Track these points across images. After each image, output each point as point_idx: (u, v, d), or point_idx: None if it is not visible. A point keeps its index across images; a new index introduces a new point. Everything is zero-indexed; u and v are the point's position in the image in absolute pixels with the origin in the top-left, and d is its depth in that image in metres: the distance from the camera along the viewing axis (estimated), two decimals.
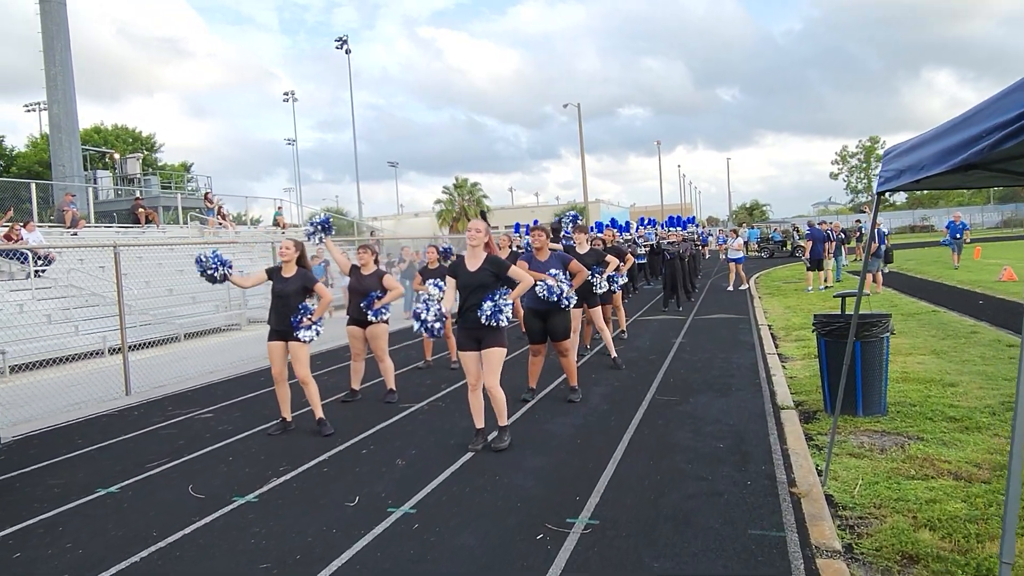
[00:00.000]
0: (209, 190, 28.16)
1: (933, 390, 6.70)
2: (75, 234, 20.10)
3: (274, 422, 6.54)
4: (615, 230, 18.24)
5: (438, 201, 59.94)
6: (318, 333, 6.28)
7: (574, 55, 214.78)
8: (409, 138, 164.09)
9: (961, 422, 5.63)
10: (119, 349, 13.29)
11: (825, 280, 17.83)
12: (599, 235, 11.92)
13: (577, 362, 8.90)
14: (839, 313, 6.22)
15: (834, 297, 6.40)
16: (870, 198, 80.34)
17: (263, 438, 6.25)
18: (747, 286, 18.80)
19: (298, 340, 6.16)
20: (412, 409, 7.05)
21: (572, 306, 6.88)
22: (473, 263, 5.51)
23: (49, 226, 20.58)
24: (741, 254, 19.02)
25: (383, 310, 7.27)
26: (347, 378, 7.71)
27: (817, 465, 4.86)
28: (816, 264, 17.47)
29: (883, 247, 16.27)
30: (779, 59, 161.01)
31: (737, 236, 19.64)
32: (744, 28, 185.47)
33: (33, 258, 15.56)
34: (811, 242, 17.36)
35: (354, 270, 7.41)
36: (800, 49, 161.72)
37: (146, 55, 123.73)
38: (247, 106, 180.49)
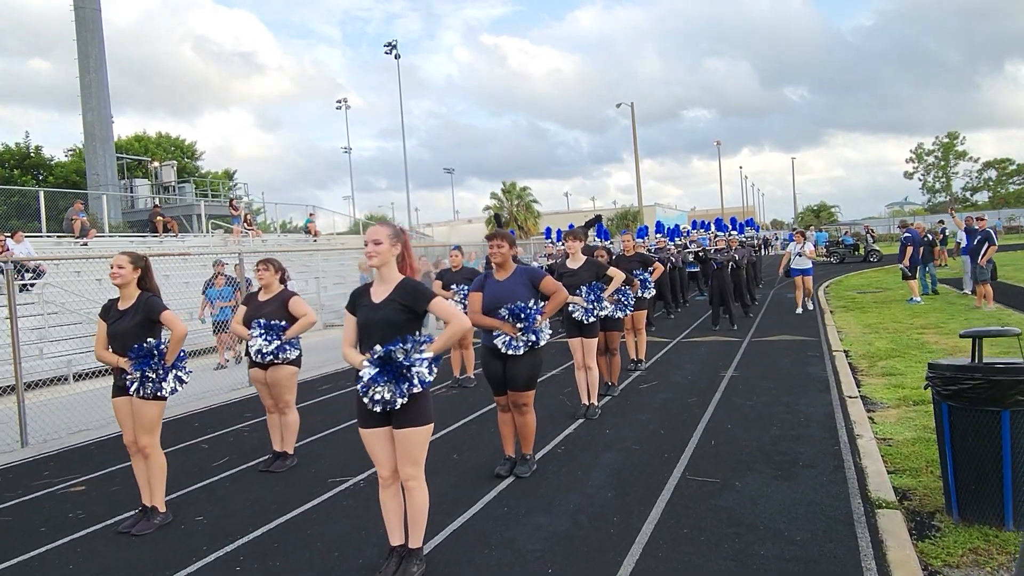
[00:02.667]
0: (234, 196, 26.96)
1: None
2: (85, 244, 19.08)
3: (131, 512, 4.65)
4: (638, 239, 15.91)
5: (487, 208, 58.22)
6: (180, 383, 4.40)
7: (636, 58, 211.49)
8: (471, 144, 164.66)
9: None
10: (82, 376, 11.86)
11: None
12: (602, 245, 9.77)
13: (598, 404, 6.85)
14: (970, 363, 3.94)
15: (961, 336, 4.12)
16: (949, 198, 75.04)
17: (106, 538, 4.37)
18: (811, 306, 14.87)
19: (143, 396, 4.30)
20: (342, 487, 5.07)
21: (541, 344, 4.86)
22: (380, 291, 3.52)
23: (59, 236, 19.60)
24: (810, 264, 14.63)
25: (287, 347, 5.34)
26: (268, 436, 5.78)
27: None
28: (912, 272, 14.88)
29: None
30: (850, 56, 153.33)
31: (805, 240, 14.93)
32: (812, 25, 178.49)
33: (18, 270, 14.35)
34: (911, 247, 14.77)
35: (251, 297, 5.54)
36: (872, 45, 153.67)
37: (222, 70, 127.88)
38: (314, 117, 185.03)
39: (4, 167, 33.34)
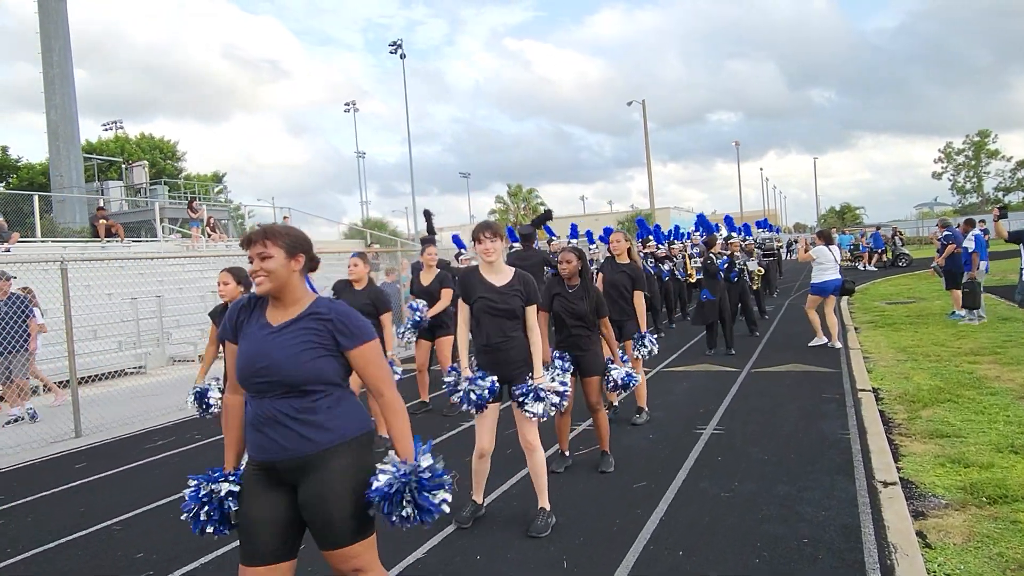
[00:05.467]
0: (194, 198, 24.84)
1: None
2: (7, 250, 17.05)
3: None
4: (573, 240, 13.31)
5: (492, 211, 55.90)
6: None
7: (659, 61, 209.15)
8: (495, 149, 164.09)
9: None
10: None
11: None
12: (567, 246, 7.09)
13: (548, 508, 4.35)
14: None
15: None
16: (980, 199, 71.37)
17: None
18: (834, 342, 9.87)
19: None
20: None
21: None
22: None
23: None
24: (833, 275, 9.94)
25: None
26: None
27: None
28: (955, 281, 12.19)
29: None
30: (876, 57, 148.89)
31: (824, 243, 10.16)
32: (836, 26, 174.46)
33: None
34: (952, 246, 12.21)
35: None
36: (898, 45, 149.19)
37: (249, 75, 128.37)
38: (339, 122, 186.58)
39: None
